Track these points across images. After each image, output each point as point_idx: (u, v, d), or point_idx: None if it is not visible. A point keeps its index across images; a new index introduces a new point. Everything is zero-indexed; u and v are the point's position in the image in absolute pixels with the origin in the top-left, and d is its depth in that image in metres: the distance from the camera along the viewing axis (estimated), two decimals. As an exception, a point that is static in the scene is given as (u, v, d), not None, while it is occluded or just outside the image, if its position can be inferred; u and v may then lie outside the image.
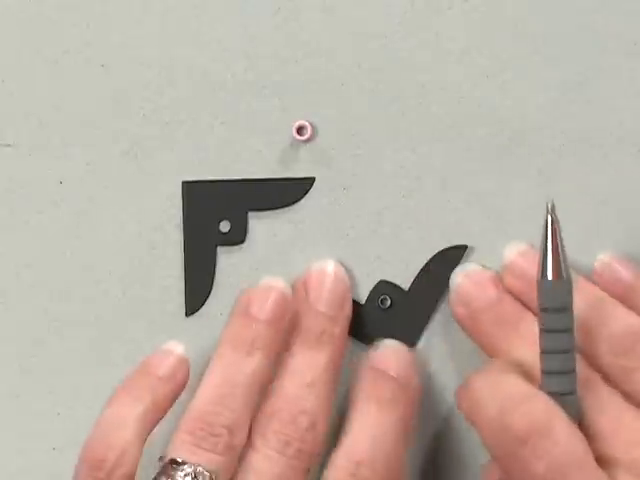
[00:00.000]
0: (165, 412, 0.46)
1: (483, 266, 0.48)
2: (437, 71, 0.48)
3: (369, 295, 0.49)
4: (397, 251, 0.49)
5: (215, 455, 0.45)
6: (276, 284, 0.48)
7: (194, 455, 0.44)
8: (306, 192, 0.49)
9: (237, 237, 0.49)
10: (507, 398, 0.42)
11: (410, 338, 0.49)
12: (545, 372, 0.43)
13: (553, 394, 0.42)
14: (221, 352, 0.47)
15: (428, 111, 0.49)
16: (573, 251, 0.48)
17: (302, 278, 0.48)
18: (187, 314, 0.49)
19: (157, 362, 0.48)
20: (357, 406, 0.47)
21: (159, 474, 0.44)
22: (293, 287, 0.48)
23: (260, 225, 0.49)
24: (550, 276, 0.42)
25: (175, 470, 0.44)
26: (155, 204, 0.49)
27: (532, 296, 0.44)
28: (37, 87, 0.49)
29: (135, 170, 0.49)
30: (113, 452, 0.45)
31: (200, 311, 0.49)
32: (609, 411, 0.43)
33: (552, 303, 0.42)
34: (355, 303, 0.49)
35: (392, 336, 0.48)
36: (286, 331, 0.47)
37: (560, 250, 0.42)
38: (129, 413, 0.46)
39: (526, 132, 0.48)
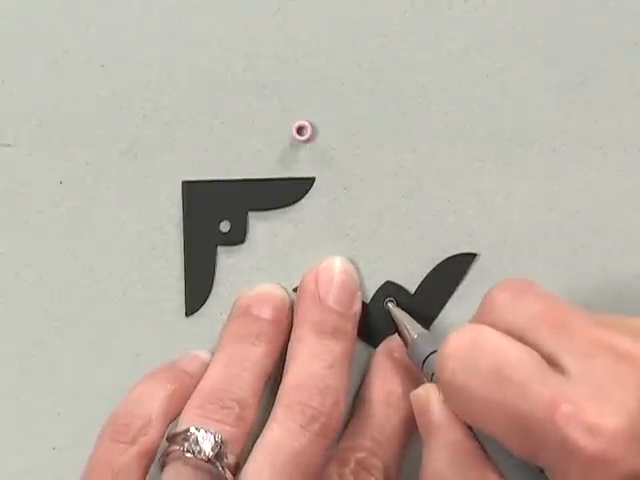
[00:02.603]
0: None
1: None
2: (437, 71, 0.48)
3: (374, 295, 0.49)
4: (397, 251, 0.49)
5: (226, 426, 0.44)
6: (275, 291, 0.48)
7: (205, 425, 0.44)
8: (306, 192, 0.49)
9: (237, 237, 0.49)
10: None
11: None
12: None
13: None
14: (225, 344, 0.47)
15: (428, 111, 0.49)
16: (572, 252, 0.49)
17: (311, 274, 0.47)
18: (187, 314, 0.49)
19: (184, 361, 0.48)
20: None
21: (170, 445, 0.44)
22: (302, 282, 0.48)
23: (260, 225, 0.49)
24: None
25: (185, 439, 0.43)
26: (155, 204, 0.49)
27: None
28: (37, 87, 0.49)
29: (135, 170, 0.49)
30: (138, 421, 0.45)
31: (200, 311, 0.49)
32: None
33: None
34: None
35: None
36: (286, 334, 0.47)
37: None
38: (156, 392, 0.46)
39: (526, 132, 0.48)
